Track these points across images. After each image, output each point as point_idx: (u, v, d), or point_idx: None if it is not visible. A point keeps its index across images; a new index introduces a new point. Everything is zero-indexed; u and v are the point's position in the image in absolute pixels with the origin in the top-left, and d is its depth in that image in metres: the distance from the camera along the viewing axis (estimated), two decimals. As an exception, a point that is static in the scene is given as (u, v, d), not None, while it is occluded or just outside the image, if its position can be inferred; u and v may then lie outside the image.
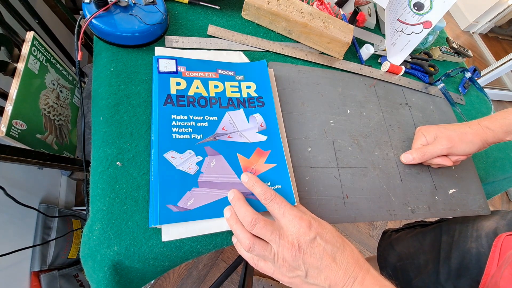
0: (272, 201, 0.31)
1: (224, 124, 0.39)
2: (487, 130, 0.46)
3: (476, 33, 2.53)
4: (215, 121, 0.39)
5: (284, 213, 0.30)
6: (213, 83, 0.42)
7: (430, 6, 0.54)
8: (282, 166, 0.38)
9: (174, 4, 0.50)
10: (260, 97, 0.42)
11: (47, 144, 0.59)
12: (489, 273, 0.46)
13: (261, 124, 0.40)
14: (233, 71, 0.44)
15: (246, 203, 0.32)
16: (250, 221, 0.30)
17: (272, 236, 0.29)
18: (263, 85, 0.44)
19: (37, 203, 0.81)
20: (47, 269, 0.78)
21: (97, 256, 0.31)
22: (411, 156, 0.48)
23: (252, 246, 0.30)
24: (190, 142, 0.36)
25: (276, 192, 0.32)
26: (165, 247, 0.33)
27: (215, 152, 0.37)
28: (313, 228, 0.29)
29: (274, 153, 0.39)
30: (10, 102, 0.48)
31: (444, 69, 0.68)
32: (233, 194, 0.33)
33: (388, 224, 1.37)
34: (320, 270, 0.29)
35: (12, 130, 0.48)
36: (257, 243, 0.30)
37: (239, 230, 0.31)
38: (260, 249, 0.30)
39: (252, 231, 0.30)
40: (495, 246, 0.48)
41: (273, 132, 0.40)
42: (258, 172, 0.37)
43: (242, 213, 0.31)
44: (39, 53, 0.55)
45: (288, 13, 0.50)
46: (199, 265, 1.04)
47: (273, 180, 0.37)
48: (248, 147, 0.38)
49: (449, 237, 0.56)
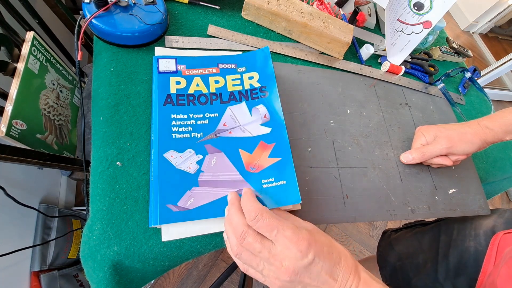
0: (259, 222, 0.28)
1: (225, 119, 0.38)
2: (486, 129, 0.46)
3: (476, 33, 2.53)
4: (216, 118, 0.38)
5: (277, 236, 0.27)
6: (213, 79, 0.41)
7: (430, 6, 0.54)
8: (287, 160, 0.36)
9: (174, 4, 0.50)
10: (263, 86, 0.41)
11: (47, 144, 0.58)
12: (486, 271, 0.47)
13: (264, 116, 0.38)
14: (234, 64, 0.42)
15: (239, 210, 0.30)
16: (239, 233, 0.28)
17: (262, 255, 0.27)
18: (266, 73, 0.42)
19: (37, 203, 0.81)
20: (47, 269, 0.78)
21: (97, 256, 0.31)
22: (410, 156, 0.48)
23: (239, 253, 0.28)
24: (190, 141, 0.36)
25: (263, 208, 0.29)
26: (165, 247, 0.33)
27: (216, 150, 0.36)
28: (312, 250, 0.27)
29: (279, 146, 0.36)
30: (10, 102, 0.48)
31: (444, 69, 0.68)
32: (229, 197, 0.32)
33: (388, 224, 1.37)
34: (316, 287, 0.28)
35: (12, 130, 0.48)
36: (246, 251, 0.28)
37: (230, 234, 0.29)
38: (249, 258, 0.28)
39: (241, 244, 0.28)
40: (493, 244, 0.48)
41: (278, 123, 0.38)
42: (262, 167, 0.35)
43: (234, 222, 0.29)
44: (39, 53, 0.55)
45: (288, 13, 0.50)
46: (199, 265, 1.04)
47: (277, 176, 0.35)
48: (251, 142, 0.37)
49: (448, 236, 0.56)
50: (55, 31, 0.68)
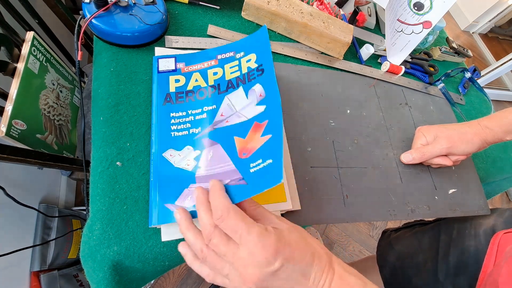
0: (223, 222, 0.26)
1: (223, 109, 0.37)
2: (486, 129, 0.46)
3: (476, 33, 2.53)
4: (214, 110, 0.37)
5: (241, 240, 0.25)
6: (212, 71, 0.40)
7: (430, 6, 0.54)
8: (277, 136, 0.33)
9: (174, 4, 0.50)
10: (260, 65, 0.39)
11: (47, 144, 0.58)
12: (487, 270, 0.47)
13: (260, 95, 0.37)
14: (233, 51, 0.42)
15: (192, 226, 0.28)
16: (199, 249, 0.27)
17: (226, 270, 0.26)
18: (263, 52, 0.40)
19: (37, 203, 0.81)
20: (47, 269, 0.78)
21: (97, 256, 0.31)
22: (411, 156, 0.48)
23: (204, 257, 0.27)
24: (189, 138, 0.36)
25: (230, 206, 0.27)
26: (165, 247, 0.33)
27: (212, 143, 0.35)
28: (279, 257, 0.25)
29: (271, 122, 0.34)
30: (10, 102, 0.48)
31: (444, 69, 0.68)
32: (196, 194, 0.29)
33: (388, 224, 1.37)
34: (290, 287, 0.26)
35: (12, 130, 0.48)
36: (210, 255, 0.27)
37: (191, 238, 0.28)
38: (214, 262, 0.27)
39: (203, 261, 0.27)
40: (493, 244, 0.48)
41: (272, 99, 0.36)
42: (253, 150, 0.33)
43: (190, 239, 0.28)
44: (39, 53, 0.55)
45: (288, 13, 0.50)
46: (199, 265, 1.04)
47: (264, 155, 0.32)
48: (246, 126, 0.35)
49: (448, 235, 0.56)
50: (55, 31, 0.68)
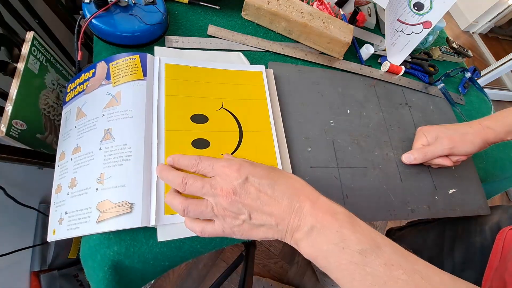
0: (199, 164, 0.30)
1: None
2: (488, 130, 0.46)
3: (476, 33, 2.53)
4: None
5: (214, 167, 0.29)
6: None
7: (430, 6, 0.54)
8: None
9: (174, 4, 0.50)
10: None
11: (47, 144, 0.58)
12: (493, 266, 0.46)
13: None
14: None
15: (171, 169, 0.31)
16: (180, 182, 0.29)
17: (205, 189, 0.28)
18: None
19: (37, 203, 0.81)
20: (47, 269, 0.78)
21: (97, 256, 0.31)
22: (412, 156, 0.48)
23: (186, 207, 0.28)
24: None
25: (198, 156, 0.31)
26: (165, 247, 0.33)
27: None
28: (243, 170, 0.28)
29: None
30: (10, 102, 0.48)
31: (444, 69, 0.68)
32: (157, 169, 0.32)
33: (388, 223, 1.37)
34: (261, 209, 0.27)
35: (12, 130, 0.48)
36: (191, 202, 0.29)
37: (170, 198, 0.30)
38: (196, 206, 0.29)
39: (185, 191, 0.29)
40: (499, 239, 0.48)
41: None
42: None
43: (170, 179, 0.30)
44: (39, 53, 0.55)
45: (288, 13, 0.50)
46: (199, 265, 1.04)
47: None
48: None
49: (453, 231, 0.56)
50: (55, 31, 0.68)
